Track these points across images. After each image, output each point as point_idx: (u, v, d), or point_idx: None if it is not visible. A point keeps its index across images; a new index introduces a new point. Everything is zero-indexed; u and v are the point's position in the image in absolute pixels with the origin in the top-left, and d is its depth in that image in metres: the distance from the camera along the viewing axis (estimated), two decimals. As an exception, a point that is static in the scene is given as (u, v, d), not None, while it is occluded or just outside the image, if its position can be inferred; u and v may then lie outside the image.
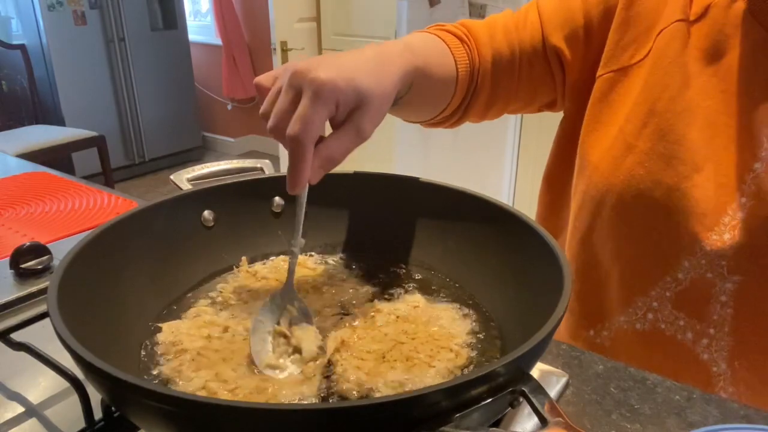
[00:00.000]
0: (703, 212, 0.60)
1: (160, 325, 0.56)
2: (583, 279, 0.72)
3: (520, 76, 0.73)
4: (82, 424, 0.49)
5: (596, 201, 0.67)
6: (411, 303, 0.60)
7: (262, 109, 0.52)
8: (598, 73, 0.69)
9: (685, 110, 0.61)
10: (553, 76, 0.73)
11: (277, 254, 0.69)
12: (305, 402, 0.47)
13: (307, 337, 0.52)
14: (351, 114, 0.51)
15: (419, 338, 0.54)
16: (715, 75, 0.61)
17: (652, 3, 0.66)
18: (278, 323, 0.54)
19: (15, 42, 3.46)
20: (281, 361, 0.50)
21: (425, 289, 0.63)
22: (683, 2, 0.63)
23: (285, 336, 0.52)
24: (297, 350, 0.51)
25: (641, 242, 0.65)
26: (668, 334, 0.65)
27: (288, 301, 0.55)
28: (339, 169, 0.68)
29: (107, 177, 3.28)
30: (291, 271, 0.55)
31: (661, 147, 0.62)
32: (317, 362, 0.51)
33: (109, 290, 0.53)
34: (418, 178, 0.68)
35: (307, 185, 0.51)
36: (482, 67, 0.72)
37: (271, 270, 0.66)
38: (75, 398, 0.49)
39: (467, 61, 0.71)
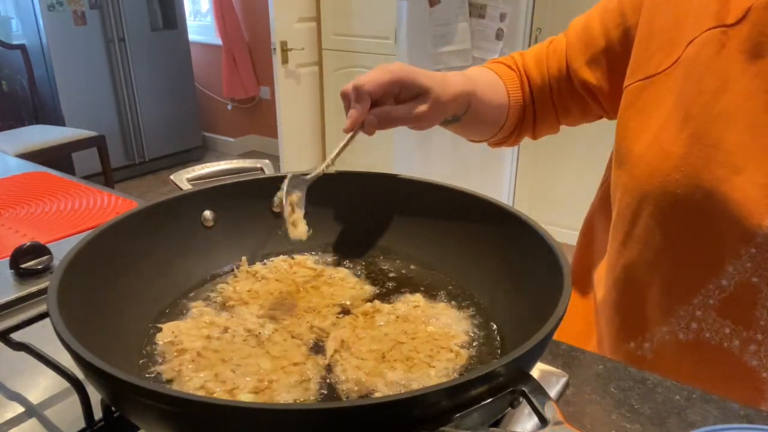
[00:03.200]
0: (745, 215, 0.58)
1: (160, 325, 0.56)
2: (623, 289, 0.71)
3: (554, 101, 0.81)
4: (82, 424, 0.49)
5: (632, 209, 0.67)
6: (411, 303, 0.60)
7: None
8: (625, 83, 0.70)
9: (721, 113, 0.60)
10: (583, 96, 0.78)
11: (277, 254, 0.69)
12: (305, 402, 0.47)
13: (302, 221, 0.62)
14: (413, 99, 0.66)
15: (419, 338, 0.54)
16: (757, 76, 0.60)
17: (674, 14, 0.66)
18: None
19: (15, 42, 3.46)
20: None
21: (425, 288, 0.63)
22: (714, 9, 0.62)
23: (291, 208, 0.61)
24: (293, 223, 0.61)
25: (682, 249, 0.64)
26: (714, 342, 0.64)
27: (300, 189, 0.62)
28: (339, 169, 0.68)
29: (107, 177, 3.28)
30: (316, 174, 0.64)
31: (697, 151, 0.61)
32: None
33: (109, 290, 0.53)
34: (417, 178, 0.68)
35: (358, 131, 0.64)
36: (525, 95, 0.81)
37: (271, 270, 0.66)
38: (75, 398, 0.49)
39: (518, 88, 0.81)
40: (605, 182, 0.82)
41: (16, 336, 0.55)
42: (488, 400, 0.36)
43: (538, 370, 0.58)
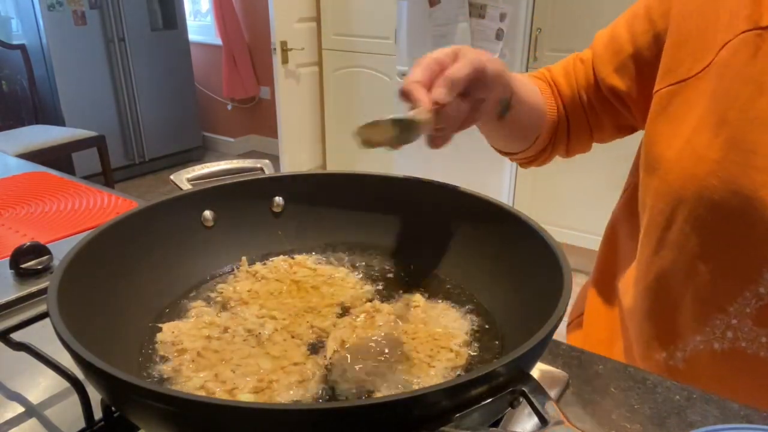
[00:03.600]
0: None
1: (160, 325, 0.56)
2: (654, 297, 0.70)
3: (586, 114, 0.80)
4: (82, 424, 0.49)
5: (666, 215, 0.66)
6: (411, 303, 0.60)
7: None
8: (655, 88, 0.69)
9: (757, 118, 0.59)
10: (613, 105, 0.77)
11: (277, 254, 0.69)
12: (305, 402, 0.47)
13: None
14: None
15: (419, 338, 0.54)
16: None
17: (704, 18, 0.65)
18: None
19: (15, 42, 3.46)
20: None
21: (425, 289, 0.63)
22: (747, 12, 0.61)
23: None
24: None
25: (718, 255, 0.62)
26: (750, 352, 0.62)
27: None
28: (339, 169, 0.67)
29: (107, 177, 3.28)
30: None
31: (734, 156, 0.59)
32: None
33: (109, 290, 0.53)
34: (418, 178, 0.68)
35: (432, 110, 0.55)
36: (559, 108, 0.81)
37: (271, 270, 0.66)
38: (75, 398, 0.49)
39: (552, 100, 0.80)
40: (628, 189, 0.81)
41: (16, 336, 0.55)
42: (488, 400, 0.36)
43: (538, 370, 0.58)
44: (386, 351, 0.52)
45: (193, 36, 4.29)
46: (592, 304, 0.86)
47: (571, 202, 2.58)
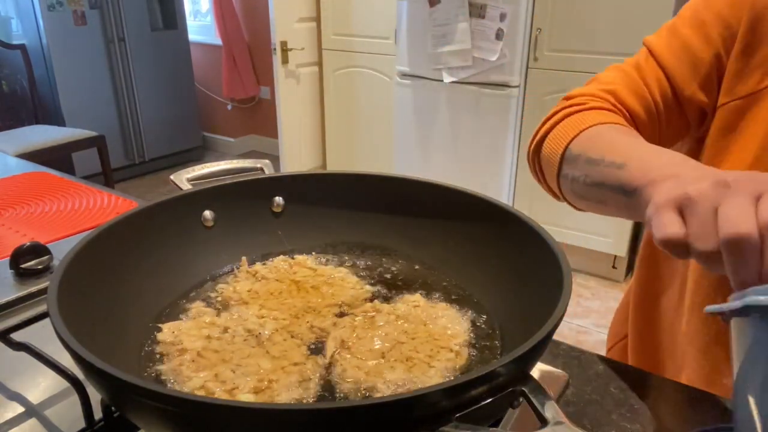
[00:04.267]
0: None
1: (160, 325, 0.56)
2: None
3: (660, 132, 0.69)
4: (82, 424, 0.49)
5: None
6: (411, 303, 0.60)
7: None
8: (720, 101, 0.64)
9: None
10: (689, 121, 0.68)
11: (277, 254, 0.69)
12: (305, 402, 0.47)
13: None
14: None
15: (419, 338, 0.54)
16: None
17: None
18: None
19: (15, 42, 3.46)
20: None
21: (425, 289, 0.63)
22: None
23: None
24: None
25: None
26: None
27: None
28: (339, 169, 0.67)
29: (107, 177, 3.27)
30: None
31: None
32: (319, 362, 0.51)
33: (109, 290, 0.53)
34: (418, 178, 0.68)
35: None
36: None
37: (271, 270, 0.66)
38: (75, 398, 0.49)
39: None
40: None
41: (16, 336, 0.55)
42: (488, 400, 0.36)
43: (538, 370, 0.58)
44: (386, 351, 0.52)
45: (193, 36, 4.29)
46: (636, 329, 0.82)
47: (571, 202, 2.58)
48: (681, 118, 0.68)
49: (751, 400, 0.38)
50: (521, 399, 0.37)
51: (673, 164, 0.50)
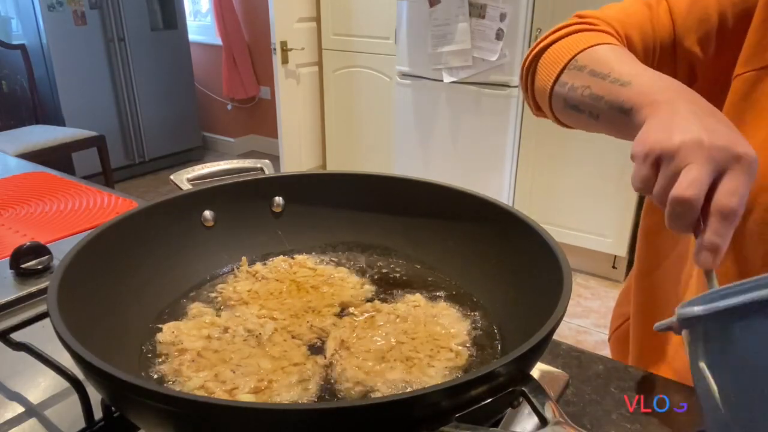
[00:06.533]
0: None
1: (160, 325, 0.56)
2: None
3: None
4: (82, 424, 0.49)
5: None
6: (411, 303, 0.60)
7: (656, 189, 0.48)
8: (736, 72, 0.64)
9: None
10: (677, 72, 0.69)
11: (277, 254, 0.69)
12: (305, 402, 0.47)
13: None
14: None
15: (419, 338, 0.54)
16: None
17: None
18: None
19: (15, 42, 3.46)
20: None
21: (425, 289, 0.63)
22: None
23: None
24: None
25: None
26: None
27: None
28: (339, 169, 0.67)
29: (107, 177, 3.28)
30: None
31: None
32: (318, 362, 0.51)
33: (109, 290, 0.53)
34: (418, 178, 0.68)
35: None
36: None
37: (271, 270, 0.66)
38: (75, 398, 0.49)
39: None
40: None
41: (16, 336, 0.55)
42: (488, 400, 0.36)
43: (538, 370, 0.58)
44: (386, 351, 0.52)
45: (193, 36, 4.29)
46: (638, 304, 0.82)
47: (571, 202, 2.58)
48: (670, 67, 0.69)
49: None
50: (521, 399, 0.37)
51: (672, 90, 0.54)
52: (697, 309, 0.41)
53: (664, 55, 0.69)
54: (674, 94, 0.53)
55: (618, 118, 0.57)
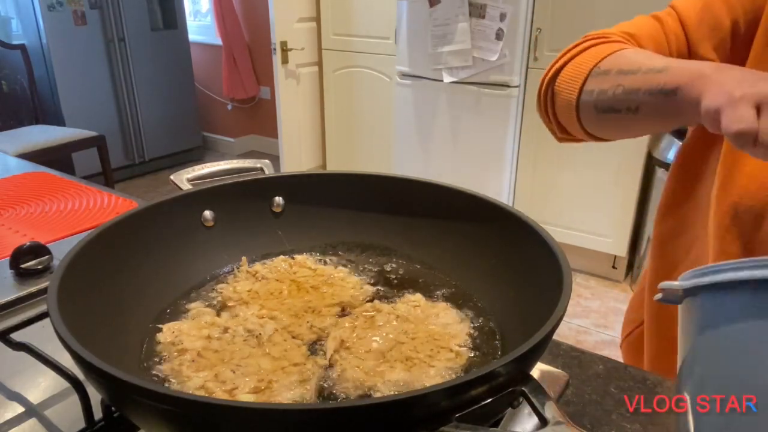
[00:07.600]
0: None
1: (160, 325, 0.56)
2: None
3: None
4: (82, 424, 0.49)
5: (756, 212, 0.62)
6: (411, 303, 0.60)
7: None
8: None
9: None
10: None
11: (277, 254, 0.69)
12: (304, 402, 0.47)
13: None
14: None
15: (419, 338, 0.54)
16: None
17: None
18: None
19: (15, 42, 3.45)
20: None
21: (425, 289, 0.63)
22: None
23: None
24: None
25: None
26: None
27: None
28: (339, 169, 0.67)
29: (107, 177, 3.27)
30: None
31: None
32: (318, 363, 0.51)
33: (109, 290, 0.53)
34: (418, 178, 0.68)
35: None
36: None
37: (271, 270, 0.66)
38: (75, 398, 0.49)
39: None
40: (687, 156, 0.75)
41: (16, 336, 0.55)
42: (488, 400, 0.36)
43: (538, 370, 0.58)
44: (386, 351, 0.52)
45: (193, 36, 4.29)
46: (652, 310, 0.81)
47: (571, 202, 2.58)
48: None
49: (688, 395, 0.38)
50: (521, 399, 0.37)
51: (712, 66, 0.53)
52: (705, 279, 0.40)
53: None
54: (716, 67, 0.52)
55: (661, 102, 0.56)
